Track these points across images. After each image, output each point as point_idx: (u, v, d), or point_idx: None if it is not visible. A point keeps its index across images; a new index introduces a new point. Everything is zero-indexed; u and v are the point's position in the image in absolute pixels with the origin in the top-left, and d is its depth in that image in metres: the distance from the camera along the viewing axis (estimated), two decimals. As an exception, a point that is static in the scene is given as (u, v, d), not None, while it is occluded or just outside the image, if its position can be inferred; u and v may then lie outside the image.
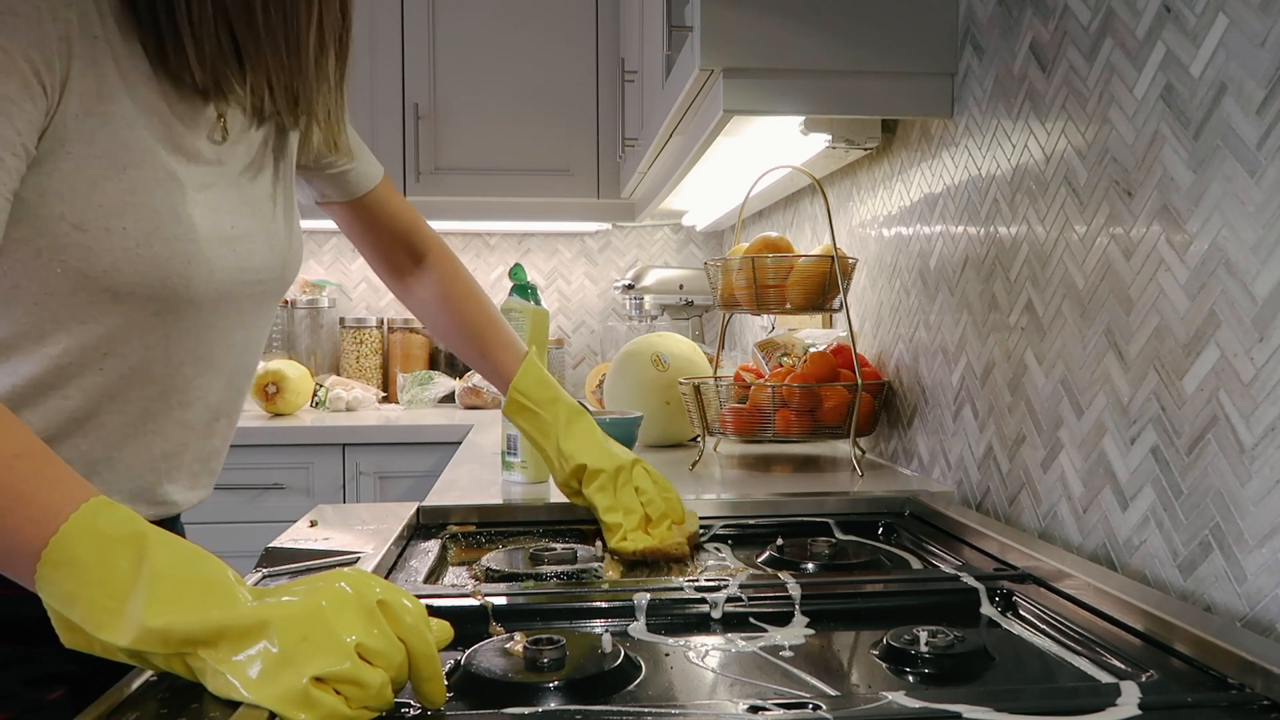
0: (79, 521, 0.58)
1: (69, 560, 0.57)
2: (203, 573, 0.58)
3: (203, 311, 0.82)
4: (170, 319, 0.79)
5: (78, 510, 0.58)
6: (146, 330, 0.78)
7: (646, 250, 3.11)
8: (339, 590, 0.58)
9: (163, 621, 0.56)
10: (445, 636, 0.62)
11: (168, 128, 0.78)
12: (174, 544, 0.59)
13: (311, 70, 0.83)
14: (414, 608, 0.59)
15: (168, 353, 0.81)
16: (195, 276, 0.79)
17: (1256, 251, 0.74)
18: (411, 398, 2.71)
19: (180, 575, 0.58)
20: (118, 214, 0.73)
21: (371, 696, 0.56)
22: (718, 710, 0.61)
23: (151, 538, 0.58)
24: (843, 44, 1.24)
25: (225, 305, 0.84)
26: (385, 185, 1.12)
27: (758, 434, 1.48)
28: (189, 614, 0.56)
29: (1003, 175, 1.15)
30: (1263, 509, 0.74)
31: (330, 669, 0.55)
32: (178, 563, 0.58)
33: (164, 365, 0.81)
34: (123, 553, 0.57)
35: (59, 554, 0.57)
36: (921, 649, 0.71)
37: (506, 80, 2.60)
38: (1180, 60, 0.83)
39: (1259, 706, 0.60)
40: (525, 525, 1.16)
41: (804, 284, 1.44)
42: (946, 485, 1.30)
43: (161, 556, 0.58)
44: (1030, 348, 1.09)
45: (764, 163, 1.59)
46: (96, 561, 0.57)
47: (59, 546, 0.57)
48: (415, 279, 1.17)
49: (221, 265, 0.81)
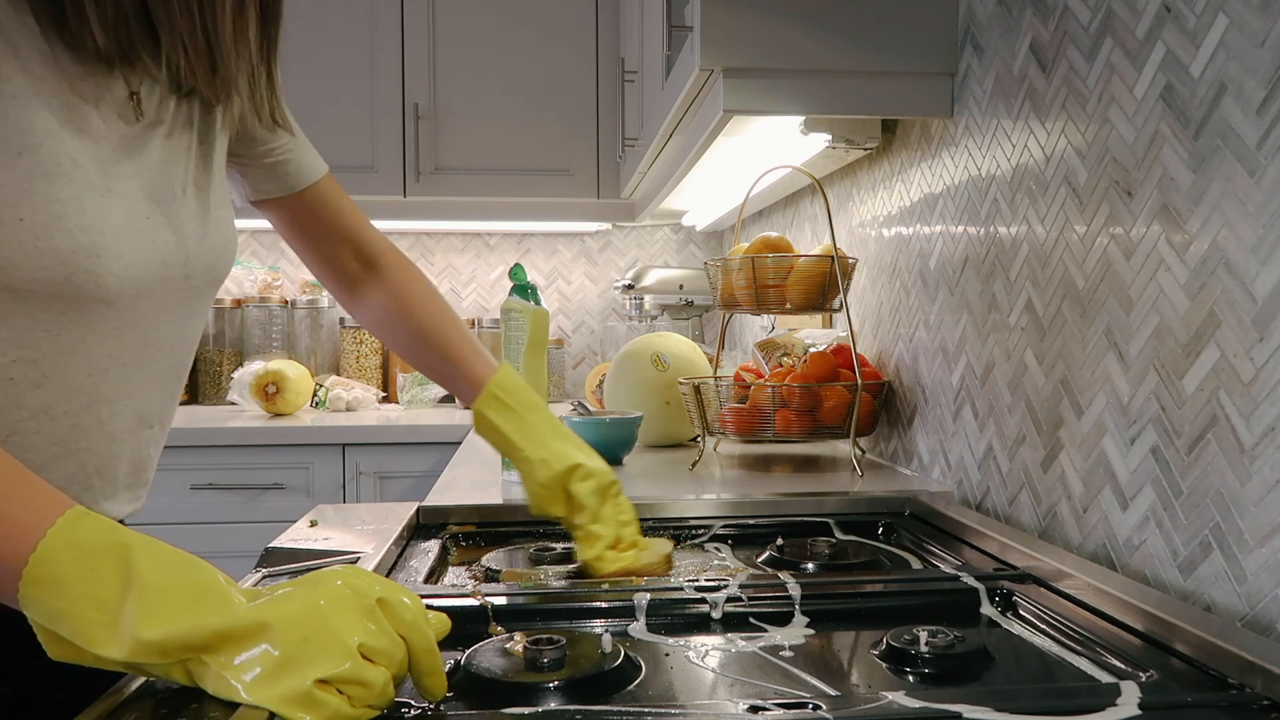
0: (58, 535, 0.55)
1: (52, 577, 0.55)
2: (193, 578, 0.57)
3: (120, 310, 0.74)
4: (84, 320, 0.72)
5: (54, 525, 0.55)
6: (57, 333, 0.71)
7: (646, 250, 3.11)
8: (338, 589, 0.57)
9: (158, 634, 0.54)
10: (443, 629, 0.62)
11: (70, 108, 0.70)
12: (160, 550, 0.57)
13: (229, 33, 0.74)
14: (412, 604, 0.59)
15: (87, 358, 0.73)
16: (105, 272, 0.71)
17: (1256, 251, 0.74)
18: (411, 398, 2.71)
19: (170, 582, 0.56)
20: (12, 203, 0.65)
21: (375, 695, 0.56)
22: (718, 710, 0.61)
23: (135, 546, 0.56)
24: (843, 44, 1.24)
25: (146, 302, 0.76)
26: (329, 182, 1.02)
27: (758, 434, 1.48)
28: (184, 622, 0.55)
29: (1003, 175, 1.15)
30: (1263, 509, 0.74)
31: (334, 670, 0.54)
32: (165, 569, 0.56)
33: (85, 373, 0.74)
34: (107, 564, 0.55)
35: (40, 570, 0.54)
36: (921, 649, 0.71)
37: (506, 80, 2.60)
38: (1180, 60, 0.83)
39: (1259, 706, 0.60)
40: (525, 525, 1.16)
41: (804, 284, 1.44)
42: (946, 485, 1.30)
43: (149, 565, 0.56)
44: (1030, 348, 1.09)
45: (764, 163, 1.59)
46: (81, 576, 0.55)
47: (40, 563, 0.54)
48: (367, 285, 1.07)
49: (135, 259, 0.73)
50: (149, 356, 0.79)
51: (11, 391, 0.70)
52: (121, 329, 0.75)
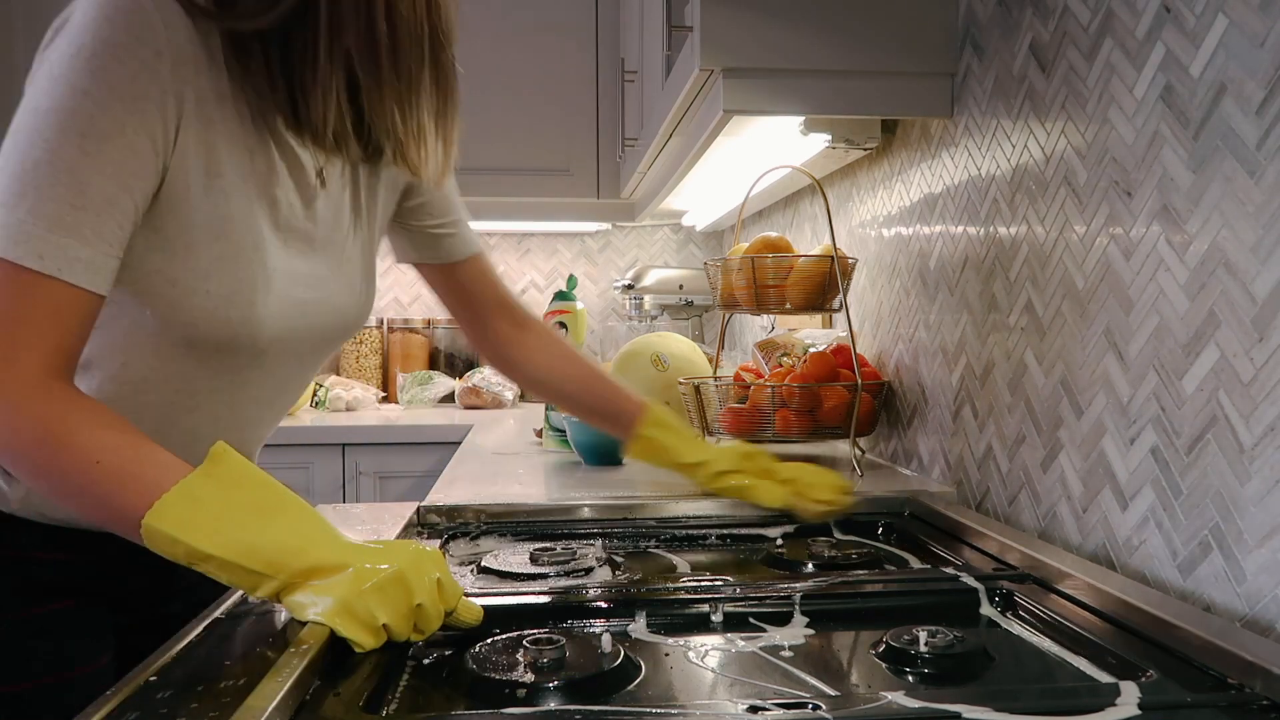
0: (202, 470, 0.71)
1: (195, 497, 0.69)
2: (304, 512, 0.75)
3: (265, 361, 0.88)
4: (235, 366, 0.86)
5: (202, 464, 0.71)
6: (213, 375, 0.86)
7: (646, 250, 3.11)
8: (415, 554, 0.73)
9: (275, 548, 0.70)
10: (475, 618, 0.76)
11: (267, 198, 0.83)
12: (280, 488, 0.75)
13: (427, 113, 0.85)
14: (454, 592, 0.74)
15: (232, 396, 0.89)
16: (260, 337, 0.84)
17: (1256, 251, 0.74)
18: (411, 398, 2.71)
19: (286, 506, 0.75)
20: (204, 276, 0.79)
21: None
22: (718, 710, 0.61)
23: (269, 481, 0.75)
24: (843, 44, 1.24)
25: (288, 355, 0.90)
26: (482, 259, 1.14)
27: (757, 434, 1.47)
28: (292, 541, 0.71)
29: (1002, 175, 1.15)
30: (1262, 509, 0.74)
31: (393, 619, 0.69)
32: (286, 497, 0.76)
33: (228, 406, 0.89)
34: (247, 487, 0.73)
35: (185, 491, 0.69)
36: (921, 649, 0.71)
37: (506, 80, 2.60)
38: (1180, 60, 0.83)
39: (1259, 706, 0.60)
40: (525, 525, 1.16)
41: (804, 284, 1.44)
42: (946, 485, 1.30)
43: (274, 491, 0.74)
44: (1030, 348, 1.09)
45: (764, 163, 1.59)
46: (223, 493, 0.71)
47: (186, 485, 0.69)
48: (521, 347, 1.19)
49: (288, 325, 0.87)
50: (279, 394, 0.95)
51: (169, 414, 0.85)
52: (263, 375, 0.90)
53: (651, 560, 1.04)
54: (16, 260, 0.69)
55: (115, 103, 0.71)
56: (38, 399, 0.70)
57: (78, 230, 0.70)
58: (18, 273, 0.69)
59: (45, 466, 0.71)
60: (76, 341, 0.74)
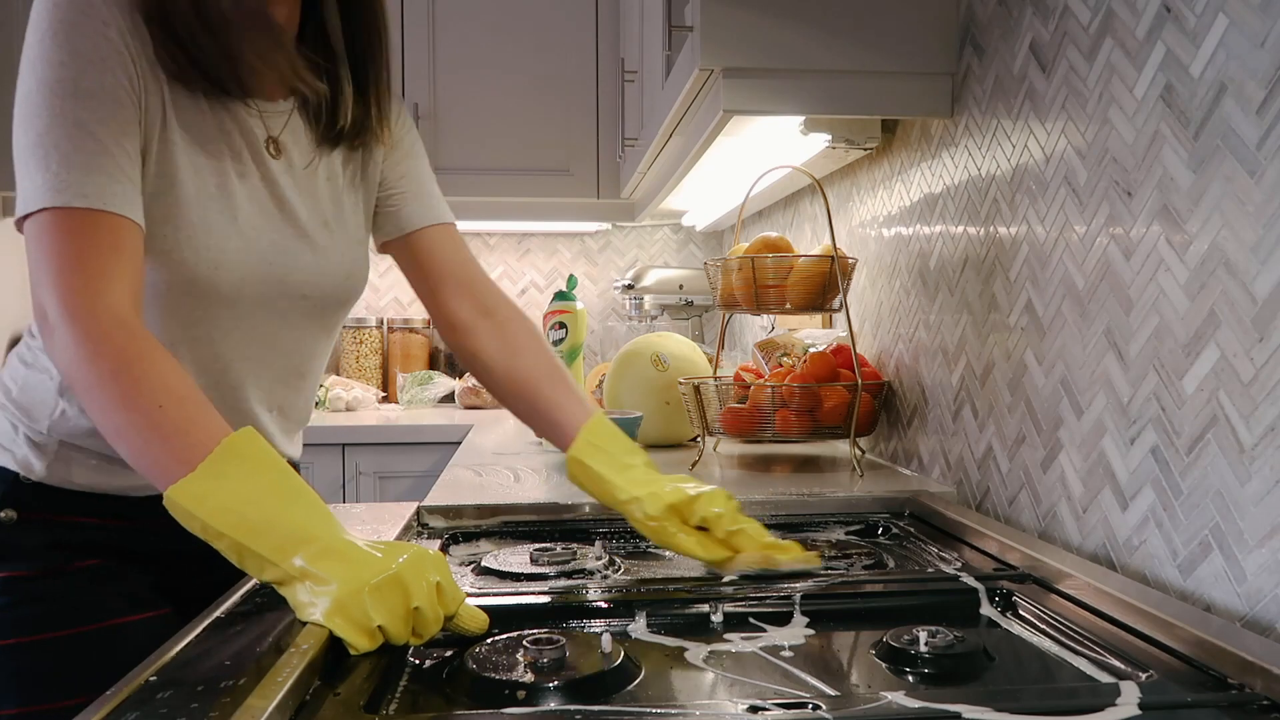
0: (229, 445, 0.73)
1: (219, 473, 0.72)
2: (313, 503, 0.76)
3: (239, 314, 0.94)
4: (209, 318, 0.92)
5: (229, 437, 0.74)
6: (190, 326, 0.92)
7: (646, 250, 3.11)
8: (417, 555, 0.73)
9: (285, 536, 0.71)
10: (480, 625, 0.75)
11: (213, 154, 0.91)
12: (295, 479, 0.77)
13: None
14: (454, 597, 0.74)
15: (213, 349, 0.94)
16: (222, 282, 0.91)
17: (1256, 251, 0.74)
18: (411, 398, 2.71)
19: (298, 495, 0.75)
20: (161, 221, 0.87)
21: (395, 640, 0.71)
22: (718, 710, 0.61)
23: (286, 470, 0.76)
24: (843, 44, 1.24)
25: (263, 312, 0.95)
26: (446, 231, 1.10)
27: (757, 434, 1.47)
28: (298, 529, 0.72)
29: (1003, 175, 1.15)
30: (1262, 509, 0.74)
31: (388, 621, 0.69)
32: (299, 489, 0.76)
33: (212, 359, 0.94)
34: (266, 473, 0.74)
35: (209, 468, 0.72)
36: (921, 649, 0.71)
37: (506, 80, 2.60)
38: (1180, 60, 0.83)
39: (1259, 706, 0.60)
40: (525, 525, 1.16)
41: (804, 284, 1.44)
42: (946, 485, 1.30)
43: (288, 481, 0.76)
44: (1030, 348, 1.09)
45: (764, 163, 1.59)
46: (242, 477, 0.73)
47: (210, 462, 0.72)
48: (479, 334, 1.10)
49: (250, 274, 0.93)
50: (270, 357, 0.99)
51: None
52: (244, 331, 0.95)
53: (651, 560, 1.04)
54: (66, 204, 0.78)
55: (88, 65, 0.81)
56: (121, 333, 0.76)
57: (104, 169, 0.80)
58: (70, 216, 0.78)
59: (115, 400, 0.74)
60: (139, 277, 0.81)
